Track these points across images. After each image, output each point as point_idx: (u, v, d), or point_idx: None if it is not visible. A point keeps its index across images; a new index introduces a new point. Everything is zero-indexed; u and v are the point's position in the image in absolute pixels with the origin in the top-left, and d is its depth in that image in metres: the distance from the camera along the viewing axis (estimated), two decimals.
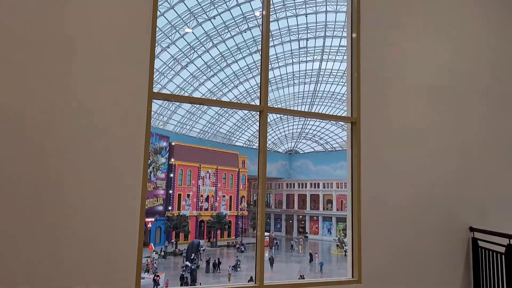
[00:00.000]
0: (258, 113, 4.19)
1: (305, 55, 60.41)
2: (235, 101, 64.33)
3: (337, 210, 73.49)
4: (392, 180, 4.65)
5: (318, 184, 76.73)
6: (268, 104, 4.06)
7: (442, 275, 4.74)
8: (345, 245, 58.66)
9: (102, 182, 3.37)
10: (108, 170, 3.41)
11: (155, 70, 51.97)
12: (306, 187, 77.85)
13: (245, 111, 71.18)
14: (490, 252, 4.57)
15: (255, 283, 3.96)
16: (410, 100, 4.92)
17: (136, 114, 3.57)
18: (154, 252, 42.05)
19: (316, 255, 48.43)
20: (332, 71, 62.78)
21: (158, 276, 30.07)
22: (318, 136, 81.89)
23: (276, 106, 70.57)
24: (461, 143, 5.09)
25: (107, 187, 3.39)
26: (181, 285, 30.71)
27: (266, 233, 64.28)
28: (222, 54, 57.51)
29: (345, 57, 55.82)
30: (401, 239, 4.60)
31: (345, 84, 64.54)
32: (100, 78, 3.47)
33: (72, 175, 3.28)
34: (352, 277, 4.40)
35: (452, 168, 5.01)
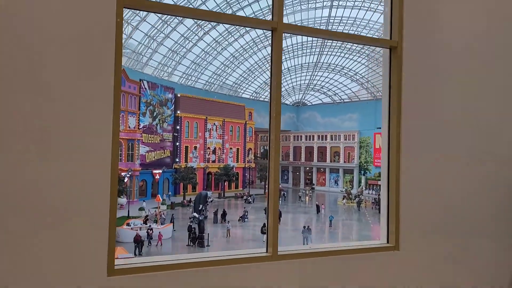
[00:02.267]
0: (270, 32, 3.15)
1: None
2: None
3: (344, 162, 73.20)
4: (440, 123, 3.64)
5: (326, 136, 75.96)
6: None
7: (499, 241, 3.86)
8: (352, 196, 58.86)
9: (60, 123, 2.44)
10: (68, 106, 2.46)
11: None
12: (313, 140, 77.17)
13: (250, 63, 69.05)
14: None
15: (267, 251, 3.12)
16: (466, 20, 3.81)
17: (102, 27, 2.56)
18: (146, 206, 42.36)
19: (322, 206, 48.47)
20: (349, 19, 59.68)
21: (151, 229, 30.02)
22: (327, 87, 79.90)
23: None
24: None
25: (68, 128, 2.46)
26: (189, 236, 30.85)
27: None
28: None
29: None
30: (449, 197, 3.68)
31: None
32: None
33: (22, 115, 2.35)
34: (387, 242, 3.54)
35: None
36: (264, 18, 60.09)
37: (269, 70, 3.26)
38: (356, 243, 3.52)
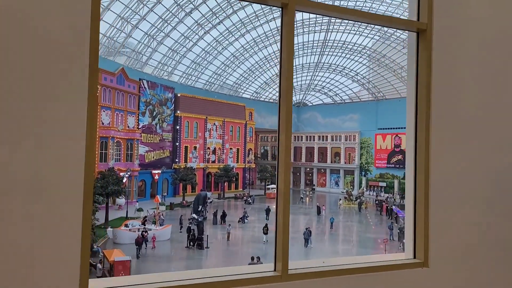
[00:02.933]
0: (280, 10, 2.67)
1: None
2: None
3: (345, 163, 72.70)
4: (477, 121, 3.15)
5: (326, 136, 75.48)
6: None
7: None
8: (353, 197, 58.40)
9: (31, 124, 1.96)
10: (31, 94, 1.98)
11: None
12: (314, 140, 76.67)
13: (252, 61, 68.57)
14: None
15: (275, 269, 2.63)
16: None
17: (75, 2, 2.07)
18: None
19: (323, 207, 47.96)
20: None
21: (146, 231, 29.41)
22: (327, 88, 79.38)
23: None
24: None
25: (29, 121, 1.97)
26: (188, 237, 30.35)
27: (274, 185, 64.03)
28: None
29: None
30: (485, 205, 3.18)
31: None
32: None
33: None
34: (414, 257, 3.05)
35: None
36: (265, 18, 59.68)
37: (277, 64, 2.77)
38: (378, 257, 3.03)
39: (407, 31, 3.18)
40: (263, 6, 56.96)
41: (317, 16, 60.06)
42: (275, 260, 2.67)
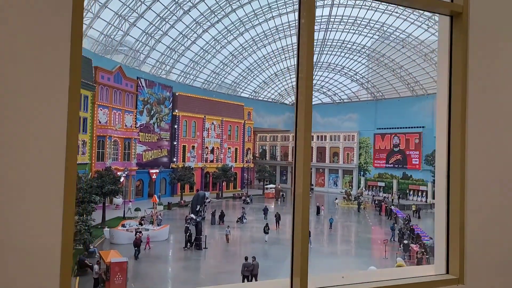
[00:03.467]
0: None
1: None
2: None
3: (344, 162, 72.36)
4: None
5: (325, 136, 75.11)
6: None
7: None
8: (352, 197, 58.16)
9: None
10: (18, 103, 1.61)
11: None
12: (312, 140, 76.29)
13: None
14: None
15: (292, 287, 2.27)
16: None
17: None
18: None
19: (322, 207, 47.65)
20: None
21: (140, 233, 28.87)
22: (326, 87, 79.02)
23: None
24: None
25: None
26: (186, 238, 29.93)
27: (273, 185, 63.69)
28: None
29: None
30: None
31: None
32: None
33: None
34: (447, 272, 2.68)
35: None
36: (264, 17, 59.23)
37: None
38: (405, 270, 2.67)
39: (438, 14, 2.81)
40: (262, 4, 56.55)
41: (316, 15, 59.55)
42: (291, 276, 2.30)
